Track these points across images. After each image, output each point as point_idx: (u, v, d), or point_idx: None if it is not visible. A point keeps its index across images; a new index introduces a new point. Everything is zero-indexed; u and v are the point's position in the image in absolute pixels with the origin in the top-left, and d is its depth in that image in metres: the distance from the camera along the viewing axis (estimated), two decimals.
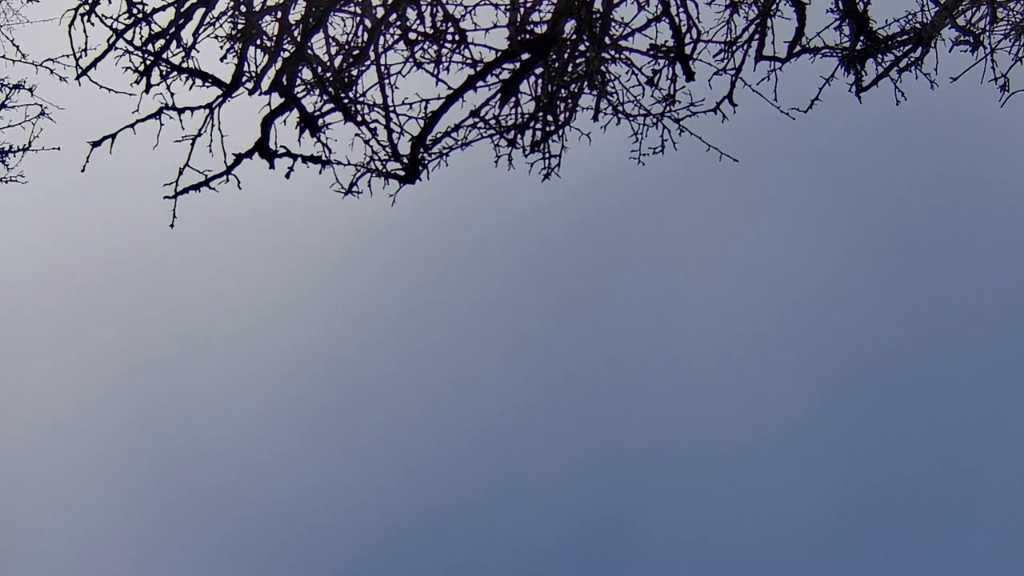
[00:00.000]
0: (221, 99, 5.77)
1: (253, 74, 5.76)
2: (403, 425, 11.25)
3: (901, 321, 11.01)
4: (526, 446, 11.20)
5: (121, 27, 5.63)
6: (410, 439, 11.25)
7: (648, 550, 10.75)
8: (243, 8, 5.72)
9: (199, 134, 5.76)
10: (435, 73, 5.90)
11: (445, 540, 10.90)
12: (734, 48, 6.09)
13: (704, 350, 11.15)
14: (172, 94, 5.73)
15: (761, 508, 10.81)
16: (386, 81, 5.93)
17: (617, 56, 6.09)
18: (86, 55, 5.69)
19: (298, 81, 5.79)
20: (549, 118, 6.23)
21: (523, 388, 11.39)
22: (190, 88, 5.77)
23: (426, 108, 5.93)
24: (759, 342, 11.09)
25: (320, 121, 5.85)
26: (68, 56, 5.69)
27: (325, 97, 5.86)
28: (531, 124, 6.23)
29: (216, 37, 5.81)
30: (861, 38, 6.00)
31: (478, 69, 5.89)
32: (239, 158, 5.79)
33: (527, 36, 5.85)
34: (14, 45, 7.56)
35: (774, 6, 5.97)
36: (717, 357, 11.11)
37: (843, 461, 10.88)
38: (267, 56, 5.72)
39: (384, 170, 6.04)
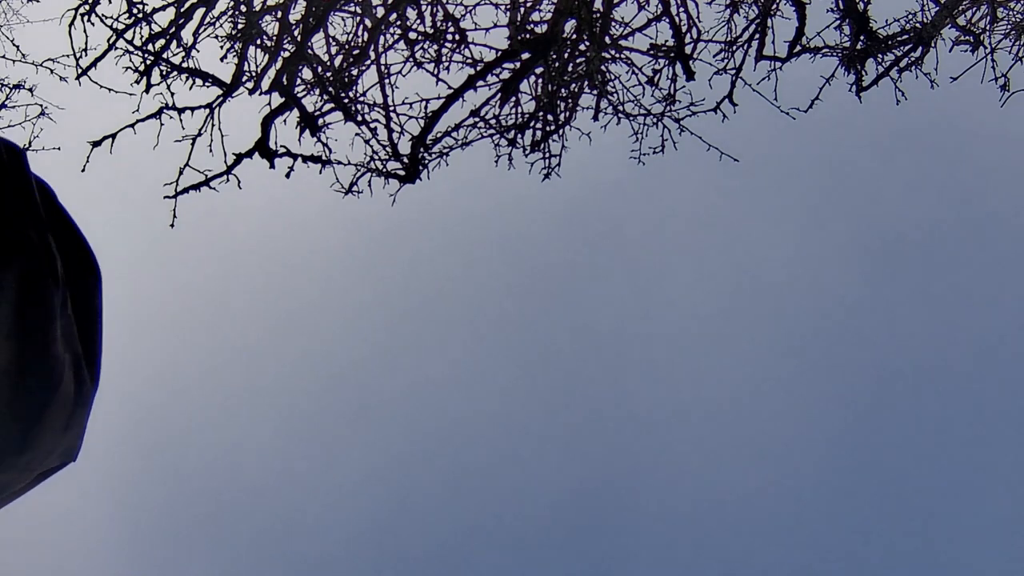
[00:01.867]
0: (221, 99, 5.77)
1: (253, 74, 5.77)
2: (397, 421, 11.26)
3: (900, 321, 11.01)
4: (522, 450, 11.20)
5: (121, 27, 5.63)
6: (403, 434, 11.25)
7: (633, 549, 10.77)
8: (243, 8, 5.72)
9: (199, 134, 5.77)
10: (435, 73, 5.91)
11: (431, 523, 10.92)
12: (734, 48, 6.09)
13: (701, 349, 11.15)
14: (172, 94, 5.74)
15: (754, 510, 10.81)
16: (386, 81, 5.94)
17: (617, 56, 6.09)
18: (86, 55, 5.69)
19: (298, 81, 5.79)
20: (549, 118, 6.24)
21: (518, 387, 11.39)
22: (190, 88, 5.77)
23: (426, 108, 5.94)
24: (756, 342, 11.09)
25: (320, 121, 5.85)
26: (68, 56, 5.70)
27: (325, 97, 5.86)
28: (531, 124, 6.23)
29: (216, 37, 5.82)
30: (861, 38, 6.01)
31: (478, 69, 5.89)
32: (239, 158, 5.80)
33: (527, 36, 5.85)
34: (14, 45, 7.56)
35: (774, 6, 5.97)
36: (714, 356, 11.12)
37: (839, 463, 10.89)
38: (267, 56, 5.73)
39: (384, 170, 6.04)
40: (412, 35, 5.89)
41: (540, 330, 11.37)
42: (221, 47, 5.83)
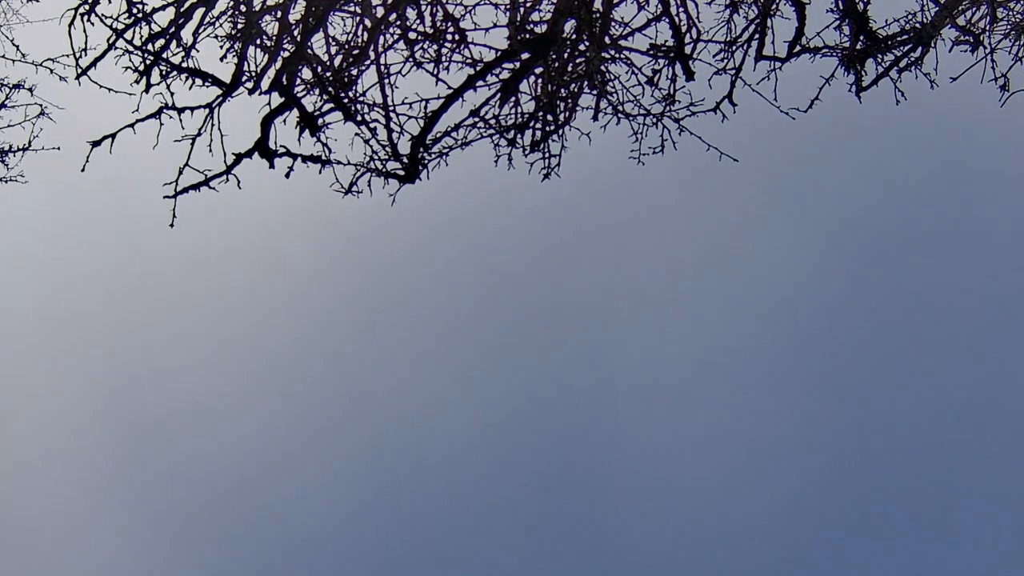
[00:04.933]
0: (221, 99, 5.77)
1: (253, 74, 5.76)
2: (387, 415, 11.27)
3: (899, 320, 11.01)
4: (516, 460, 11.22)
5: (121, 27, 5.63)
6: (393, 428, 11.26)
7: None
8: (243, 8, 5.72)
9: (199, 134, 5.77)
10: (435, 73, 5.90)
11: (409, 504, 10.95)
12: (734, 48, 6.09)
13: (700, 347, 11.15)
14: (172, 94, 5.73)
15: (744, 508, 10.82)
16: (386, 81, 5.94)
17: (617, 56, 6.09)
18: (86, 55, 5.69)
19: (298, 81, 5.79)
20: (549, 118, 6.24)
21: (513, 386, 11.40)
22: (190, 88, 5.77)
23: (426, 108, 5.94)
24: (755, 341, 11.09)
25: (320, 121, 5.85)
26: (68, 56, 5.70)
27: (325, 97, 5.86)
28: (531, 124, 6.23)
29: (216, 37, 5.82)
30: (861, 38, 6.00)
31: (478, 69, 5.89)
32: (239, 158, 5.79)
33: (527, 36, 5.85)
34: (14, 45, 7.56)
35: (774, 6, 5.97)
36: (711, 355, 11.12)
37: (827, 461, 10.90)
38: (267, 56, 5.73)
39: (384, 170, 6.04)
40: (412, 35, 5.89)
41: (533, 325, 11.38)
42: (221, 47, 5.83)
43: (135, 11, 5.60)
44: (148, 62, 5.66)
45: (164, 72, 5.71)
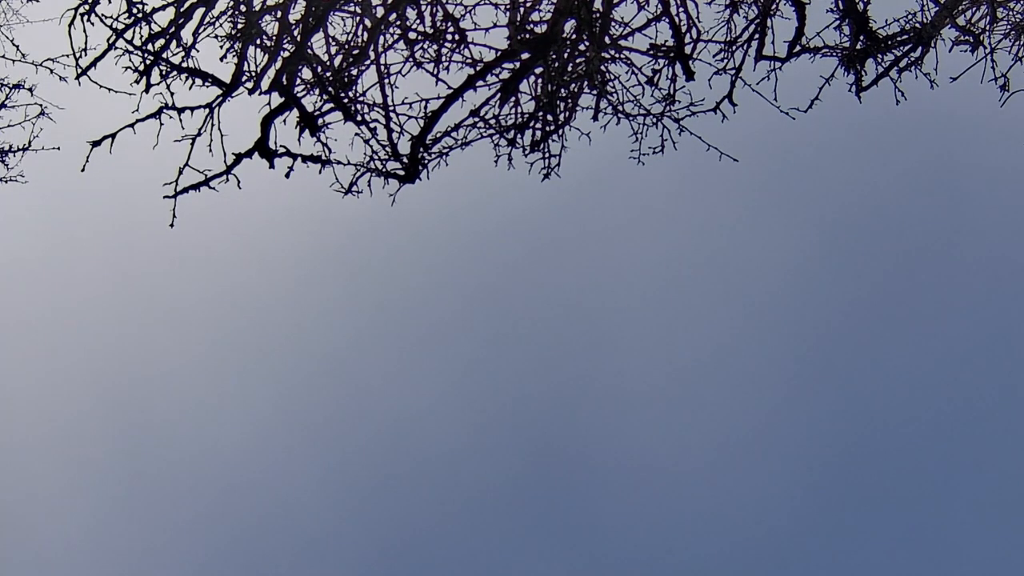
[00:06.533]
0: (221, 99, 5.77)
1: (253, 74, 5.76)
2: (403, 422, 11.27)
3: (899, 319, 11.02)
4: (511, 459, 11.23)
5: (121, 27, 5.63)
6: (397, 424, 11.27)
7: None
8: (243, 8, 5.72)
9: (199, 134, 5.77)
10: (435, 73, 5.91)
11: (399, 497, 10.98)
12: (734, 48, 6.09)
13: (700, 346, 11.16)
14: (172, 94, 5.74)
15: (733, 506, 10.84)
16: (386, 81, 5.94)
17: (617, 56, 6.09)
18: (86, 55, 5.69)
19: (298, 81, 5.79)
20: (549, 118, 6.24)
21: (513, 385, 11.40)
22: (190, 88, 5.78)
23: (426, 108, 5.94)
24: (755, 340, 11.10)
25: (320, 121, 5.85)
26: (68, 56, 5.70)
27: (325, 97, 5.86)
28: (531, 124, 6.23)
29: (216, 37, 5.82)
30: (861, 38, 6.01)
31: (478, 69, 5.89)
32: (239, 158, 5.79)
33: (527, 36, 5.85)
34: (14, 45, 7.57)
35: (774, 6, 5.98)
36: (712, 354, 11.12)
37: (820, 457, 10.92)
38: (267, 56, 5.73)
39: (384, 170, 6.04)
40: (412, 35, 5.89)
41: (529, 325, 11.38)
42: (221, 47, 5.83)
43: (135, 11, 5.61)
44: (148, 62, 5.66)
45: (164, 72, 5.71)
